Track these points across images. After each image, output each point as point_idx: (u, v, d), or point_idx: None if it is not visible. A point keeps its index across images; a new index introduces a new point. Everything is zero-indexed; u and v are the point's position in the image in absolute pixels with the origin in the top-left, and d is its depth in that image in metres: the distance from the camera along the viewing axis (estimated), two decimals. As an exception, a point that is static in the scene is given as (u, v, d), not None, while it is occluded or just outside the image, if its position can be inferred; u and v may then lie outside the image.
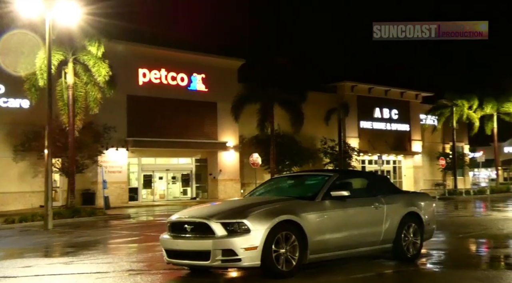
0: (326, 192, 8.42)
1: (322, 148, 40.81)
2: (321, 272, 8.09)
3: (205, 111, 36.66)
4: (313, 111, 37.55)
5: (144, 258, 10.27)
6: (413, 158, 50.06)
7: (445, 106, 45.45)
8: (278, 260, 7.43)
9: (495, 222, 17.03)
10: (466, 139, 55.44)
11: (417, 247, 9.34)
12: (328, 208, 8.26)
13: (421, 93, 50.36)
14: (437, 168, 48.12)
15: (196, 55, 36.52)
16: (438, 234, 13.02)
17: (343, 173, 10.06)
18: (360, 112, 45.28)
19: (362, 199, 9.00)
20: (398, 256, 9.09)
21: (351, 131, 44.49)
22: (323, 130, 40.51)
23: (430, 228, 9.93)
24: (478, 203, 30.41)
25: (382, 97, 47.27)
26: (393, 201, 9.24)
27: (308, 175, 10.48)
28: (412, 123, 49.83)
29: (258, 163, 32.75)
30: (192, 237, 7.69)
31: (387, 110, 47.69)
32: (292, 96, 32.32)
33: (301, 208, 7.95)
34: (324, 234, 8.04)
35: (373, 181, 10.13)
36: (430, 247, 10.81)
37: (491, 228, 15.21)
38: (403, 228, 9.12)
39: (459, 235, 13.55)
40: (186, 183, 38.56)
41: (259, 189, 9.94)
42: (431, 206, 10.14)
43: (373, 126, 46.65)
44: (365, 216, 8.77)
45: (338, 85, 44.97)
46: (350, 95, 44.55)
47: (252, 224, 7.34)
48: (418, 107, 50.47)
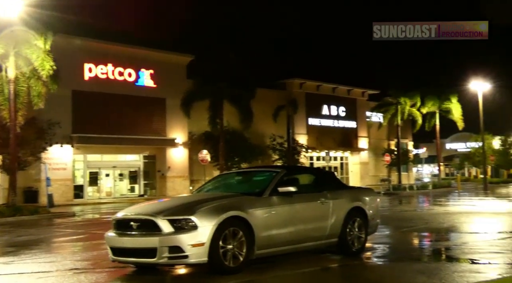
0: (273, 188, 8.48)
1: (271, 144, 41.08)
2: (268, 267, 8.15)
3: (153, 107, 36.19)
4: (262, 108, 37.73)
5: (89, 256, 10.05)
6: (359, 155, 51.12)
7: (390, 104, 46.62)
8: (226, 256, 7.43)
9: (437, 216, 17.62)
10: (410, 136, 57.07)
11: (361, 241, 9.54)
12: (275, 204, 8.32)
13: (367, 90, 51.44)
14: (383, 164, 49.31)
15: (144, 50, 35.99)
16: (383, 228, 13.36)
17: (290, 169, 10.15)
18: (309, 109, 45.82)
19: (308, 194, 9.12)
20: (343, 250, 9.26)
21: (299, 128, 44.97)
22: (272, 127, 40.76)
23: (375, 222, 10.17)
24: (421, 198, 31.37)
25: (330, 95, 48.00)
26: (338, 197, 9.40)
27: (256, 171, 10.52)
28: (358, 120, 50.85)
29: (207, 159, 32.63)
30: (138, 234, 7.59)
31: (334, 107, 48.46)
32: (241, 92, 32.35)
33: (248, 204, 7.98)
34: (272, 230, 8.10)
35: (319, 177, 10.28)
36: (374, 241, 11.07)
37: (433, 222, 15.73)
38: (348, 223, 9.31)
39: (402, 229, 13.94)
40: (133, 180, 37.98)
41: (207, 185, 9.91)
42: (375, 201, 10.38)
43: (321, 123, 47.30)
44: (311, 211, 8.89)
45: (287, 82, 45.34)
46: (298, 92, 45.01)
47: (199, 220, 7.32)
48: (365, 104, 51.55)
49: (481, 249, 9.95)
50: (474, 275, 7.22)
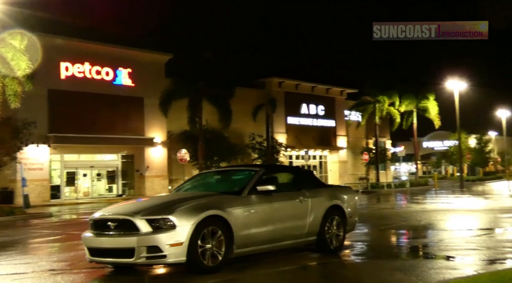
0: (252, 187, 8.48)
1: (250, 143, 41.08)
2: (247, 266, 8.15)
3: (131, 106, 35.91)
4: (241, 107, 37.69)
5: (66, 257, 9.94)
6: (338, 153, 51.42)
7: (368, 103, 46.99)
8: (204, 255, 7.41)
9: (414, 214, 17.82)
10: (388, 135, 57.59)
11: (340, 239, 9.60)
12: (254, 203, 8.33)
13: (346, 89, 51.76)
14: (361, 163, 49.68)
15: (122, 49, 35.68)
16: (361, 226, 13.47)
17: (269, 168, 10.16)
18: (288, 108, 45.93)
19: (287, 193, 9.14)
20: (322, 248, 9.30)
21: (278, 126, 45.05)
22: (251, 126, 40.76)
23: (353, 220, 10.24)
24: (398, 196, 31.71)
25: (309, 94, 48.18)
26: (317, 195, 9.44)
27: (235, 170, 10.52)
28: (337, 119, 51.14)
29: (186, 159, 32.50)
30: (116, 234, 7.53)
31: (313, 106, 48.66)
32: (220, 91, 32.27)
33: (227, 203, 7.97)
34: (250, 229, 8.10)
35: (298, 176, 10.31)
36: (353, 239, 11.15)
37: (410, 220, 15.91)
38: (326, 221, 9.36)
39: (380, 227, 14.07)
40: (111, 180, 37.64)
41: (185, 184, 9.86)
42: (353, 199, 10.45)
43: (300, 122, 47.45)
44: (290, 210, 8.92)
45: (266, 81, 45.38)
46: (277, 91, 45.09)
47: (178, 220, 7.29)
48: (343, 103, 51.86)
49: (457, 246, 10.09)
50: (450, 272, 7.32)
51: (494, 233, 12.43)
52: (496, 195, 29.41)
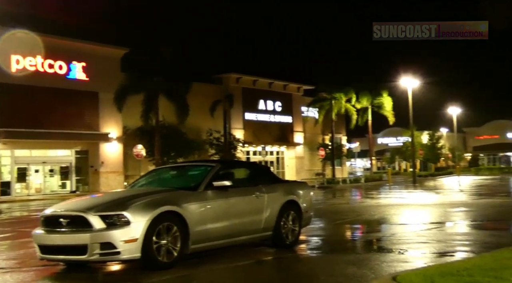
0: (208, 183, 8.46)
1: (208, 139, 40.94)
2: (203, 261, 8.12)
3: (86, 101, 35.17)
4: (199, 103, 37.48)
5: (15, 255, 9.66)
6: (295, 149, 51.84)
7: (324, 99, 47.55)
8: (159, 251, 7.36)
9: (368, 209, 18.18)
10: (344, 131, 58.43)
11: (295, 234, 9.69)
12: (210, 198, 8.31)
13: (303, 86, 52.18)
14: (317, 159, 50.23)
15: (76, 42, 34.85)
16: (317, 221, 13.64)
17: (225, 164, 10.16)
18: (245, 104, 45.97)
19: (243, 188, 9.17)
20: (277, 243, 9.37)
21: (236, 122, 45.05)
22: (209, 121, 40.61)
23: (308, 215, 10.35)
24: (353, 191, 32.25)
25: (266, 90, 48.34)
26: (273, 190, 9.50)
27: (191, 166, 10.47)
28: (294, 115, 51.52)
29: (142, 154, 32.12)
30: (68, 231, 7.39)
31: (271, 102, 48.86)
32: (177, 86, 31.99)
33: (183, 199, 7.93)
34: (206, 224, 8.08)
35: (254, 171, 10.35)
36: (308, 233, 11.27)
37: (364, 214, 16.22)
38: (282, 216, 9.42)
39: (335, 222, 14.28)
40: (65, 176, 36.82)
41: (140, 180, 9.75)
42: (309, 194, 10.56)
43: (257, 118, 47.58)
44: (246, 205, 8.94)
45: (223, 77, 45.27)
46: (235, 87, 45.05)
47: (132, 216, 7.20)
48: (300, 99, 52.27)
49: (409, 239, 10.33)
50: (401, 265, 7.49)
51: (444, 226, 12.79)
52: (446, 190, 30.29)
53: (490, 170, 67.17)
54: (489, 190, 29.34)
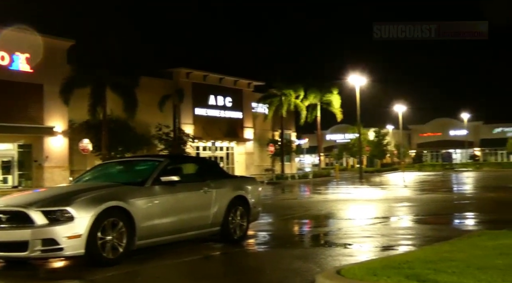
0: (156, 178, 8.38)
1: (156, 134, 40.43)
2: (150, 257, 8.04)
3: (29, 93, 33.98)
4: (148, 97, 36.95)
5: (-48, 253, 9.24)
6: (245, 145, 51.94)
7: (274, 95, 47.88)
8: (104, 247, 7.23)
9: (316, 204, 18.46)
10: (293, 127, 58.98)
11: (243, 229, 9.73)
12: (157, 194, 8.23)
13: (253, 82, 52.29)
14: (267, 154, 50.53)
15: (19, 33, 33.57)
16: (265, 216, 13.74)
17: (173, 159, 10.07)
18: (195, 99, 45.64)
19: (192, 184, 9.12)
20: (225, 238, 9.38)
21: (186, 117, 44.68)
22: (158, 116, 40.09)
23: (256, 210, 10.41)
24: (302, 187, 32.67)
25: (217, 85, 48.17)
26: (221, 186, 9.50)
27: (138, 161, 10.33)
28: (244, 111, 51.57)
29: (88, 149, 31.41)
30: (7, 227, 7.14)
31: (221, 97, 48.73)
32: (125, 80, 31.42)
33: (129, 194, 7.81)
34: (153, 220, 8.01)
35: (203, 166, 10.32)
36: (257, 228, 11.35)
37: (312, 210, 16.47)
38: (230, 211, 9.44)
39: (284, 217, 14.44)
40: (7, 171, 35.51)
41: (85, 175, 9.54)
42: (257, 190, 10.62)
43: (207, 113, 47.36)
44: (194, 200, 8.91)
45: (173, 71, 44.77)
46: (185, 81, 44.66)
47: (76, 211, 7.04)
48: (250, 95, 52.37)
49: (354, 234, 10.56)
50: (346, 259, 7.65)
51: (388, 221, 13.14)
52: (391, 186, 31.13)
53: (433, 167, 69.44)
54: (432, 185, 30.35)
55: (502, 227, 10.39)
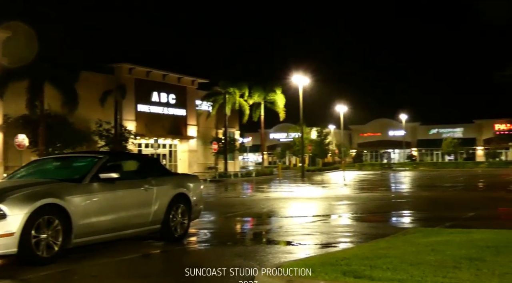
0: (94, 174, 8.20)
1: (97, 130, 39.49)
2: (87, 256, 7.85)
3: (-39, 85, 32.39)
4: (88, 92, 36.00)
5: None
6: (188, 142, 51.58)
7: (219, 93, 47.82)
8: (38, 246, 7.00)
9: (258, 202, 18.57)
10: (237, 125, 59.10)
11: (184, 227, 9.66)
12: (96, 191, 8.05)
13: (197, 79, 51.98)
14: (210, 152, 50.39)
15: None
16: (207, 214, 13.71)
17: (113, 155, 9.87)
18: (138, 95, 44.89)
19: (132, 181, 8.98)
20: (166, 236, 9.29)
21: (128, 114, 43.87)
22: (99, 112, 39.14)
23: (198, 208, 10.36)
24: (245, 185, 32.79)
25: (160, 81, 47.55)
26: (162, 183, 9.39)
27: (76, 157, 10.05)
28: (188, 108, 51.19)
29: (24, 144, 30.25)
30: None
31: (164, 94, 48.16)
32: (64, 74, 30.48)
33: (66, 191, 7.60)
34: (91, 218, 7.83)
35: (144, 164, 10.16)
36: (199, 226, 11.30)
37: (254, 208, 16.56)
38: (172, 209, 9.36)
39: (226, 215, 14.45)
40: None
41: (20, 171, 9.20)
42: (199, 187, 10.57)
43: (150, 110, 46.68)
44: (134, 198, 8.77)
45: (116, 67, 43.84)
46: (127, 77, 43.83)
47: (9, 208, 6.78)
48: (194, 93, 52.04)
49: (295, 231, 10.70)
50: (286, 256, 7.73)
51: (328, 219, 13.40)
52: (332, 184, 31.73)
53: (372, 166, 71.31)
54: (370, 184, 31.17)
55: (435, 224, 10.82)
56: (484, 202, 17.48)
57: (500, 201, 18.22)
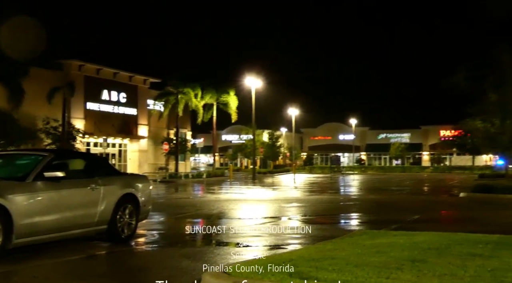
0: (38, 173, 7.98)
1: (44, 128, 38.39)
2: (30, 256, 7.62)
3: None
4: (36, 88, 34.97)
5: None
6: (139, 142, 50.87)
7: (171, 93, 47.42)
8: (-24, 247, 6.73)
9: (209, 203, 18.51)
10: (189, 126, 58.74)
11: (132, 227, 9.52)
12: (40, 190, 7.83)
13: (150, 78, 51.36)
14: (161, 153, 49.88)
15: None
16: (156, 215, 13.55)
17: (59, 153, 9.61)
18: (87, 93, 43.94)
19: (78, 180, 8.78)
20: (112, 237, 9.13)
21: (76, 112, 42.88)
22: (46, 109, 38.07)
23: (146, 209, 10.23)
24: (196, 186, 32.62)
25: (111, 80, 46.72)
26: (110, 183, 9.23)
27: (20, 155, 9.74)
28: (139, 108, 50.50)
29: (-35, 141, 29.09)
30: None
31: (115, 93, 47.33)
32: (9, 69, 29.50)
33: (7, 189, 7.36)
34: (34, 217, 7.61)
35: (91, 162, 9.94)
36: (147, 227, 11.16)
37: (204, 209, 16.49)
38: (119, 210, 9.21)
39: (175, 216, 14.33)
40: None
41: (-43, 169, 8.80)
42: (148, 188, 10.44)
43: (100, 108, 45.78)
44: (80, 197, 8.58)
45: (65, 63, 42.75)
46: (77, 74, 42.84)
47: None
48: (146, 92, 51.39)
49: (244, 233, 10.72)
50: (234, 257, 7.73)
51: (278, 221, 13.48)
52: (283, 187, 31.98)
53: (322, 169, 72.31)
54: (320, 187, 31.60)
55: (381, 227, 11.07)
56: (429, 206, 18.04)
57: (443, 205, 18.86)
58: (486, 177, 38.76)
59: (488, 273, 5.66)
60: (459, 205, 18.75)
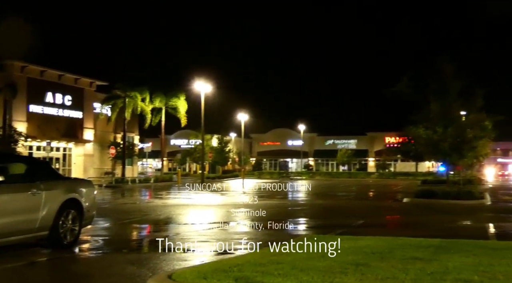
0: (-25, 177, 7.63)
1: (-17, 130, 36.95)
2: (-36, 265, 7.28)
3: None
4: (-26, 89, 33.63)
5: None
6: (84, 146, 49.68)
7: (118, 97, 46.61)
8: None
9: (156, 209, 18.27)
10: (137, 130, 57.85)
11: (75, 233, 9.28)
12: (-23, 195, 7.49)
13: (96, 81, 50.29)
14: (108, 157, 48.90)
15: None
16: (101, 221, 13.26)
17: (-2, 157, 9.26)
18: (31, 95, 42.57)
19: (18, 185, 8.49)
20: (54, 243, 8.86)
21: (18, 114, 41.45)
22: (-15, 111, 36.69)
23: (90, 214, 10.00)
24: (143, 191, 32.15)
25: (56, 82, 45.45)
26: (52, 187, 8.96)
27: (-44, 158, 9.32)
28: (85, 111, 49.35)
29: None
30: None
31: (60, 95, 46.08)
32: None
33: None
34: (-30, 223, 7.27)
35: (32, 167, 9.62)
36: (92, 233, 10.90)
37: (151, 214, 16.27)
38: (61, 215, 8.96)
39: (121, 221, 14.08)
40: None
41: None
42: (92, 193, 10.21)
43: (44, 111, 44.43)
44: (20, 203, 8.29)
45: (7, 64, 41.30)
46: (19, 75, 41.45)
47: None
48: (93, 95, 50.29)
49: (191, 238, 10.63)
50: (180, 263, 7.65)
51: (226, 226, 13.44)
52: (231, 192, 31.95)
53: (271, 174, 72.69)
54: (268, 192, 31.73)
55: (328, 231, 11.24)
56: (374, 211, 18.44)
57: (387, 210, 19.33)
58: (429, 183, 40.02)
59: (428, 276, 5.83)
60: (402, 210, 19.27)
